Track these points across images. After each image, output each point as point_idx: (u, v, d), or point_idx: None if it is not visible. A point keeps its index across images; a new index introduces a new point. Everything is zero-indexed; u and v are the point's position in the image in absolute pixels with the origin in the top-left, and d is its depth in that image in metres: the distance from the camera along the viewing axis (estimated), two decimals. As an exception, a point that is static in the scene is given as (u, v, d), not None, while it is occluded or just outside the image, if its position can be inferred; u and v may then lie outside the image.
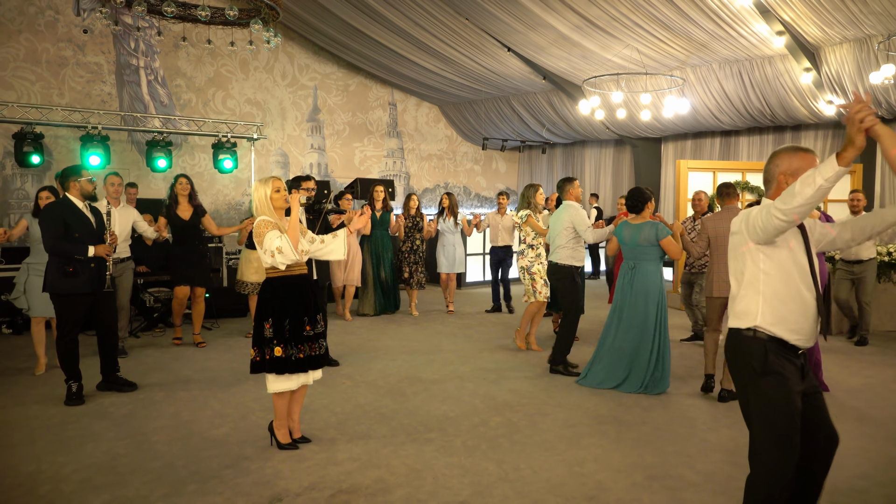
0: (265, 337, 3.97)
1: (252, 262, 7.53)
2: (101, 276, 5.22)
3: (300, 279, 4.09)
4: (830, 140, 11.24)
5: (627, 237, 5.59)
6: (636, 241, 5.53)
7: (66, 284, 5.05)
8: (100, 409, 4.96)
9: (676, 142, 13.52)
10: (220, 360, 6.56)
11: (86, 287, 5.10)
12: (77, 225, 5.11)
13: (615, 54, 10.44)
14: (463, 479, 3.72)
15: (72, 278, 5.04)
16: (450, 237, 9.40)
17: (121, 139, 11.27)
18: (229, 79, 12.73)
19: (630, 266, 5.59)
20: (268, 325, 3.98)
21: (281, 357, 3.96)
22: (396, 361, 6.49)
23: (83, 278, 5.09)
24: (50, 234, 5.01)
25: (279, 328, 3.97)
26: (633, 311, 5.52)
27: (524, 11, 9.61)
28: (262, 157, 13.07)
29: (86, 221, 5.18)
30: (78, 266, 5.06)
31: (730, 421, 4.72)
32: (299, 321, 4.01)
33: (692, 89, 10.99)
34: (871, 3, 7.84)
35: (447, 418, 4.76)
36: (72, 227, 5.07)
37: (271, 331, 3.97)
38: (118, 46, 11.52)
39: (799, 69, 9.58)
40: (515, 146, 15.85)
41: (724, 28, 9.06)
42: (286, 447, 4.14)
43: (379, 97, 14.79)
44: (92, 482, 3.69)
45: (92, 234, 5.17)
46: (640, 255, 5.54)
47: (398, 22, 10.80)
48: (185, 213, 6.98)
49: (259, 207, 4.01)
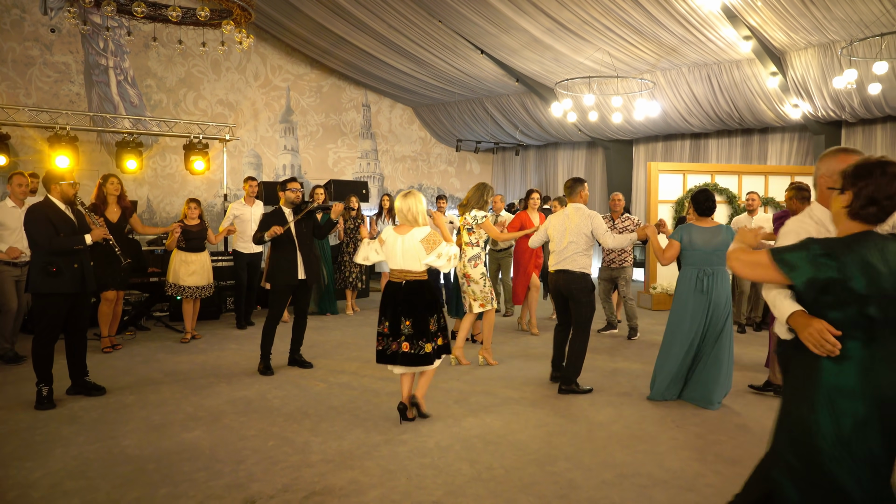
0: (432, 330, 4.61)
1: (190, 264, 7.32)
2: (84, 276, 5.18)
3: None
4: (796, 143, 11.50)
5: (701, 242, 5.16)
6: (714, 245, 5.14)
7: (48, 284, 5.00)
8: (69, 414, 4.89)
9: (647, 144, 13.71)
10: (191, 362, 6.50)
11: (68, 287, 5.06)
12: (62, 225, 5.10)
13: (587, 57, 10.56)
14: (436, 480, 3.75)
15: (55, 278, 5.00)
16: None
17: (90, 140, 11.11)
18: (201, 79, 12.61)
19: (706, 272, 5.15)
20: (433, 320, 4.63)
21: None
22: (370, 363, 6.49)
23: (66, 278, 5.05)
24: (43, 234, 4.99)
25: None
26: (716, 319, 5.14)
27: (497, 14, 9.68)
28: (235, 158, 12.97)
29: (69, 222, 5.18)
30: (61, 265, 5.03)
31: (698, 419, 4.81)
32: None
33: (662, 92, 11.16)
34: (835, 9, 8.05)
35: (421, 419, 4.78)
36: (57, 227, 5.06)
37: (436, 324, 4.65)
38: (87, 46, 11.35)
39: (765, 73, 9.79)
40: (489, 148, 15.94)
41: (693, 32, 9.23)
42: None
43: (352, 98, 14.77)
44: (61, 487, 3.64)
45: (75, 233, 5.17)
46: (716, 261, 5.14)
47: (371, 24, 10.80)
48: (112, 215, 6.80)
49: (421, 218, 4.63)
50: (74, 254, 5.13)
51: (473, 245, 6.27)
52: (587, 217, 5.54)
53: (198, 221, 7.49)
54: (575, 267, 5.51)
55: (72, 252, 5.10)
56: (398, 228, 4.65)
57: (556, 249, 5.63)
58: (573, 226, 5.54)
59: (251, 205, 8.22)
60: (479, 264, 6.21)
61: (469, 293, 6.25)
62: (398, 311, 4.57)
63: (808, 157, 11.31)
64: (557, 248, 5.61)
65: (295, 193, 6.16)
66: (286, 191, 6.18)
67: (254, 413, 4.93)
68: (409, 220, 4.61)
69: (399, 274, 4.61)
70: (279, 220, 6.08)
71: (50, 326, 5.05)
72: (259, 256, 8.40)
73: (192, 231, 7.37)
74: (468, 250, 6.24)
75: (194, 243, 7.40)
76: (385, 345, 4.62)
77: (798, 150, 11.50)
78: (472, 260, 6.22)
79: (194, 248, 7.40)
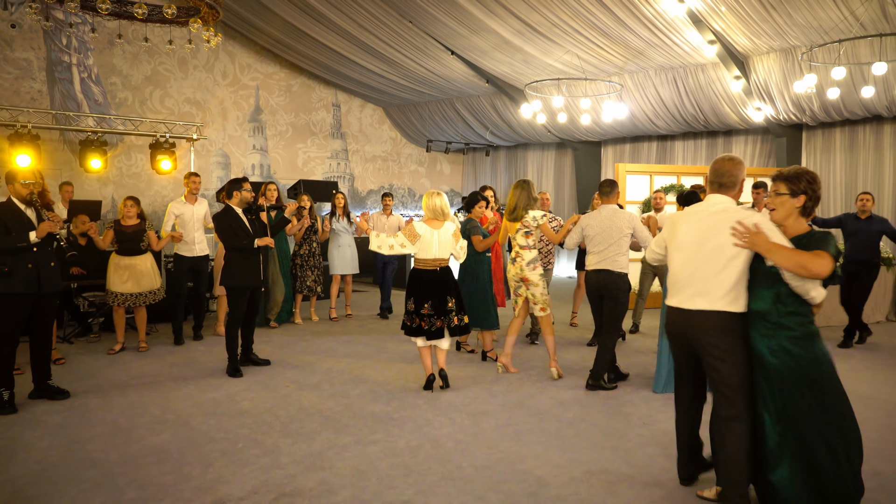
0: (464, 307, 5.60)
1: (124, 270, 6.77)
2: (39, 277, 5.03)
3: None
4: (759, 145, 11.76)
5: None
6: None
7: (0, 285, 4.86)
8: (31, 418, 4.80)
9: (616, 145, 13.88)
10: (159, 364, 6.42)
11: (21, 287, 4.92)
12: (15, 225, 4.94)
13: (556, 59, 10.67)
14: (407, 479, 3.77)
15: (7, 279, 4.87)
16: (345, 237, 8.95)
17: (52, 138, 10.88)
18: (167, 77, 12.44)
19: None
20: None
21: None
22: (341, 363, 6.48)
23: (19, 279, 4.90)
24: None
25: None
26: None
27: (467, 16, 9.73)
28: (203, 157, 12.81)
29: (25, 221, 5.02)
30: (14, 265, 4.89)
31: (664, 416, 4.90)
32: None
33: (630, 95, 11.32)
34: (795, 15, 8.26)
35: (391, 419, 4.80)
36: (9, 227, 4.93)
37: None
38: (49, 42, 11.12)
39: (729, 77, 10.00)
40: (459, 148, 15.99)
41: (660, 36, 9.38)
42: None
43: (322, 98, 14.70)
44: (24, 493, 3.58)
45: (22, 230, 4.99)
46: None
47: (341, 23, 10.77)
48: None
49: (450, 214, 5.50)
50: (28, 253, 4.95)
51: (531, 248, 5.96)
52: (628, 219, 5.63)
53: (136, 221, 6.86)
54: (615, 267, 5.57)
55: (21, 251, 4.91)
56: (430, 223, 5.39)
57: (594, 249, 5.64)
58: (614, 226, 5.58)
59: (193, 203, 7.46)
60: (537, 267, 5.95)
61: (529, 297, 5.94)
62: (442, 291, 5.37)
63: (770, 159, 11.57)
64: (597, 248, 5.62)
65: (250, 193, 6.23)
66: (241, 191, 6.20)
67: (223, 415, 4.89)
68: (439, 216, 5.41)
69: (433, 262, 5.38)
70: (234, 221, 6.12)
71: (6, 329, 4.93)
72: (205, 260, 7.56)
73: (127, 232, 6.75)
74: (525, 253, 5.93)
75: (129, 246, 6.76)
76: (430, 323, 5.34)
77: (761, 152, 11.77)
78: (530, 263, 5.90)
79: (130, 251, 6.77)
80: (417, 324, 5.37)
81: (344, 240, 8.95)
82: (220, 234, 6.12)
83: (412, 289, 5.42)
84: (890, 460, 4.11)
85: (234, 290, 6.12)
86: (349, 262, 8.95)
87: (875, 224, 7.29)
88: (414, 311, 5.38)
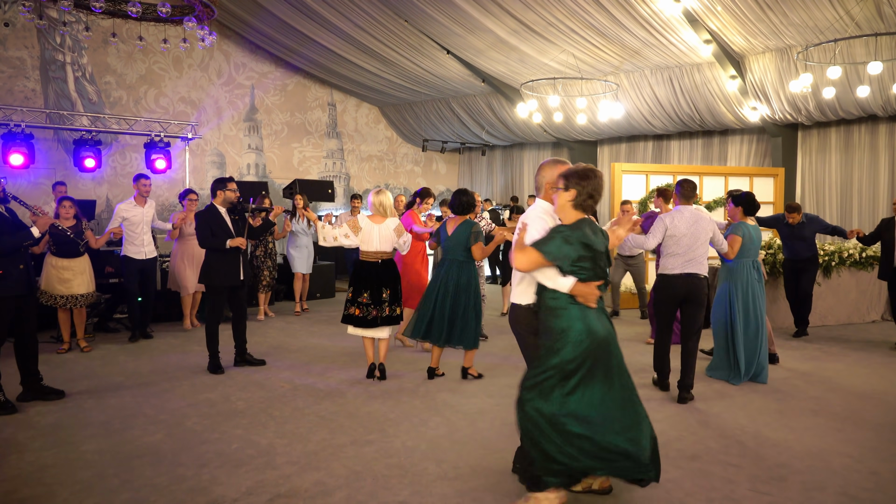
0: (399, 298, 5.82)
1: (63, 271, 6.59)
2: (29, 278, 5.01)
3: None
4: (755, 144, 11.77)
5: (757, 236, 5.98)
6: (756, 236, 5.98)
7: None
8: (25, 419, 4.76)
9: (612, 145, 13.89)
10: (152, 365, 6.39)
11: (15, 289, 4.90)
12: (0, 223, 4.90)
13: (552, 59, 10.66)
14: (403, 480, 3.75)
15: (1, 281, 4.83)
16: (303, 238, 9.34)
17: (46, 137, 10.83)
18: (162, 76, 12.39)
19: (753, 264, 5.98)
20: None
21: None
22: (336, 363, 6.46)
23: (12, 280, 4.87)
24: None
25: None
26: (760, 303, 5.95)
27: (463, 15, 9.71)
28: (198, 157, 12.77)
29: (7, 219, 4.97)
30: (7, 267, 4.85)
31: (660, 416, 4.89)
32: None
33: (626, 94, 11.31)
34: (791, 14, 8.26)
35: (387, 419, 4.78)
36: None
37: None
38: (42, 41, 11.06)
39: (725, 76, 10.00)
40: (455, 148, 15.97)
41: (656, 36, 9.38)
42: None
43: (318, 97, 14.66)
44: (17, 494, 3.55)
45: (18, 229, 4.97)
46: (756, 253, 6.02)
47: (337, 22, 10.74)
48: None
49: (390, 211, 5.71)
50: (19, 254, 4.94)
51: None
52: (710, 221, 5.46)
53: (73, 222, 6.62)
54: (702, 271, 5.36)
55: (17, 251, 4.90)
56: (373, 218, 5.64)
57: (678, 252, 5.33)
58: (701, 229, 5.34)
59: (143, 205, 7.38)
60: None
61: None
62: (379, 283, 5.60)
63: (766, 159, 11.58)
64: (683, 250, 5.32)
65: (234, 193, 6.27)
66: (225, 190, 6.23)
67: (217, 415, 4.86)
68: (381, 212, 5.65)
69: (375, 255, 5.63)
70: (216, 220, 6.13)
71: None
72: (153, 263, 7.58)
73: (64, 234, 6.44)
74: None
75: (67, 247, 6.56)
76: (365, 312, 5.58)
77: (756, 152, 11.78)
78: None
79: (67, 252, 6.58)
80: (349, 312, 5.64)
81: (302, 240, 9.35)
82: (197, 232, 6.18)
83: (353, 279, 5.72)
84: (886, 460, 4.10)
85: (213, 288, 6.19)
86: (307, 261, 9.40)
87: (807, 226, 7.72)
88: (351, 300, 5.65)
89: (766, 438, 4.47)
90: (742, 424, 4.74)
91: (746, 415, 4.97)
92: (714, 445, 4.32)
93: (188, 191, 8.21)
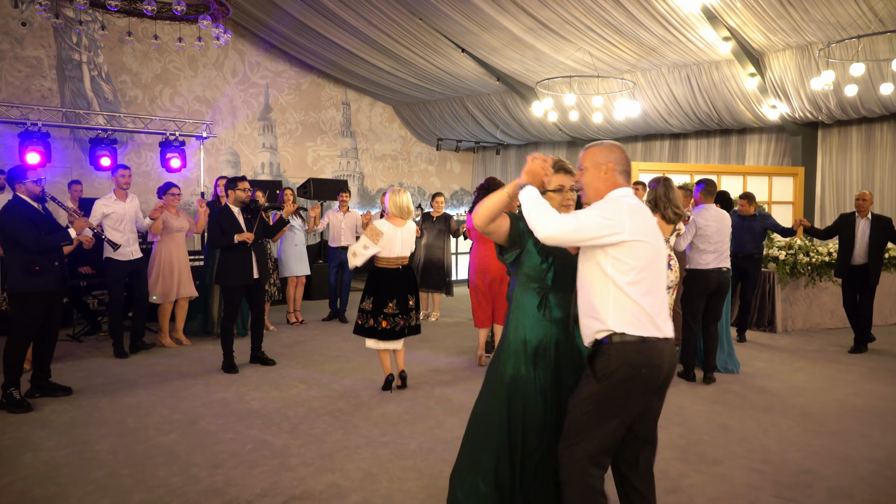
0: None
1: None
2: (63, 275, 5.10)
3: None
4: (774, 143, 11.60)
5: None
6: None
7: (30, 283, 4.90)
8: (39, 417, 4.76)
9: (627, 144, 13.74)
10: (167, 364, 6.37)
11: (50, 286, 4.98)
12: (39, 221, 5.01)
13: (567, 57, 10.56)
14: (418, 482, 3.69)
15: (37, 277, 4.91)
16: (300, 235, 8.66)
17: (62, 136, 10.87)
18: (177, 75, 12.41)
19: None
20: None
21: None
22: (350, 363, 6.42)
23: (49, 277, 4.96)
24: (29, 233, 4.88)
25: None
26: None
27: (478, 13, 9.64)
28: (213, 155, 12.78)
29: (45, 218, 5.10)
30: (44, 264, 4.93)
31: (680, 419, 4.80)
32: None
33: (642, 93, 11.19)
34: (813, 11, 8.12)
35: (402, 420, 4.72)
36: (36, 224, 4.98)
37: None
38: (59, 40, 11.11)
39: (744, 74, 9.86)
40: (469, 147, 15.89)
41: (673, 33, 9.26)
42: None
43: (332, 96, 14.64)
44: (31, 493, 3.53)
45: (54, 230, 5.09)
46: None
47: (352, 21, 10.70)
48: None
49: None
50: (56, 251, 5.05)
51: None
52: (728, 216, 6.02)
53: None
54: (728, 264, 5.93)
55: (55, 250, 5.03)
56: (394, 220, 5.29)
57: (709, 248, 5.80)
58: (725, 225, 5.89)
59: (124, 200, 6.66)
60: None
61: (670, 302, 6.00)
62: (403, 290, 5.29)
63: (784, 158, 11.41)
64: (713, 247, 5.80)
65: (245, 193, 6.26)
66: (236, 190, 6.24)
67: (231, 415, 4.83)
68: (403, 213, 5.32)
69: (396, 261, 5.29)
70: (229, 220, 6.13)
71: (28, 327, 4.96)
72: (143, 262, 6.79)
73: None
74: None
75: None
76: (393, 323, 5.22)
77: (775, 151, 11.60)
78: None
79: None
80: (371, 324, 5.21)
81: (299, 238, 8.61)
82: (208, 232, 6.23)
83: (372, 288, 5.25)
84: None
85: (227, 287, 6.22)
86: (304, 262, 8.63)
87: (758, 221, 7.56)
88: (371, 311, 5.21)
89: (790, 443, 4.37)
90: (765, 428, 4.64)
91: (769, 419, 4.87)
92: (737, 449, 4.23)
93: (169, 184, 7.22)
